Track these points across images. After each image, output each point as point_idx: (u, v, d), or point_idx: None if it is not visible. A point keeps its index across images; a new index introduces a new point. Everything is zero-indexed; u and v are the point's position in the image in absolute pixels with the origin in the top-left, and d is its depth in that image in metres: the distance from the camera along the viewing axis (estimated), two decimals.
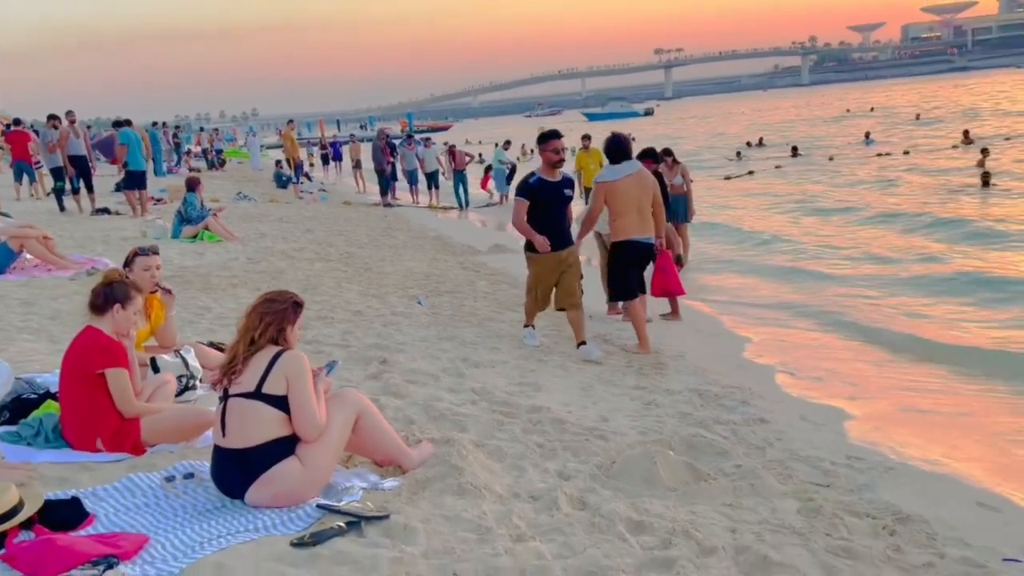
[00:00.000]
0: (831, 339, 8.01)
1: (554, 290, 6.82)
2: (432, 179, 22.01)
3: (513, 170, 21.56)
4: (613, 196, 6.86)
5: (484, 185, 23.26)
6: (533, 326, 7.02)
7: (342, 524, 3.36)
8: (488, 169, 24.79)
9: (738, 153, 29.96)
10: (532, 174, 6.73)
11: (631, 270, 7.01)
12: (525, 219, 6.61)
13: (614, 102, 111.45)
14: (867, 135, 32.63)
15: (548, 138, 6.67)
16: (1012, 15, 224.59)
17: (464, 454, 4.13)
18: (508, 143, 25.35)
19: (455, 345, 6.62)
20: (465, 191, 20.95)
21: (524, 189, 6.67)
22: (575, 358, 6.63)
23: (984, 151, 20.58)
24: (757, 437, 4.98)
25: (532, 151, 43.33)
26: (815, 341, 7.98)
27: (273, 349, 3.65)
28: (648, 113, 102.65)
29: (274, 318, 3.69)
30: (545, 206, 6.58)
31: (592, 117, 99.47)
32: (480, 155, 28.32)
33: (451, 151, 22.16)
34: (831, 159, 26.75)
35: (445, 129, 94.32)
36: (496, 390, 5.44)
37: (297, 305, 3.83)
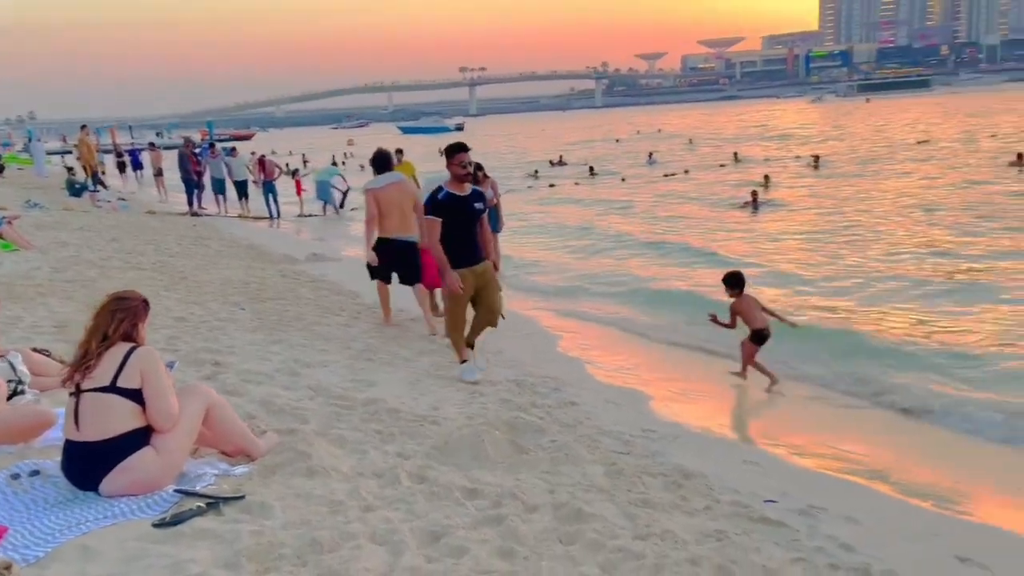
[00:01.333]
0: (625, 336, 9.02)
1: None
2: (241, 188, 21.50)
3: (345, 194, 21.71)
4: (379, 201, 7.92)
5: (298, 191, 23.07)
6: (466, 360, 6.53)
7: (201, 505, 3.60)
8: (295, 173, 24.64)
9: (535, 172, 31.43)
10: (440, 189, 6.41)
11: (391, 261, 8.05)
12: (439, 239, 6.32)
13: (427, 117, 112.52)
14: (650, 155, 35.56)
15: (455, 151, 6.42)
16: (772, 51, 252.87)
17: (310, 441, 4.45)
18: (340, 160, 25.37)
19: (285, 347, 6.82)
20: (275, 201, 20.67)
21: (434, 206, 6.35)
22: (402, 356, 7.06)
23: (766, 177, 23.12)
24: (569, 417, 5.66)
25: (345, 161, 43.26)
26: (612, 336, 8.96)
27: (126, 345, 3.81)
28: (459, 128, 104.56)
29: (126, 315, 3.86)
30: (457, 222, 6.32)
31: (406, 131, 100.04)
32: (288, 164, 27.91)
33: (260, 160, 21.79)
34: (623, 180, 28.86)
35: (248, 138, 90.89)
36: (332, 386, 5.76)
37: (146, 303, 4.02)
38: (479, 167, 11.89)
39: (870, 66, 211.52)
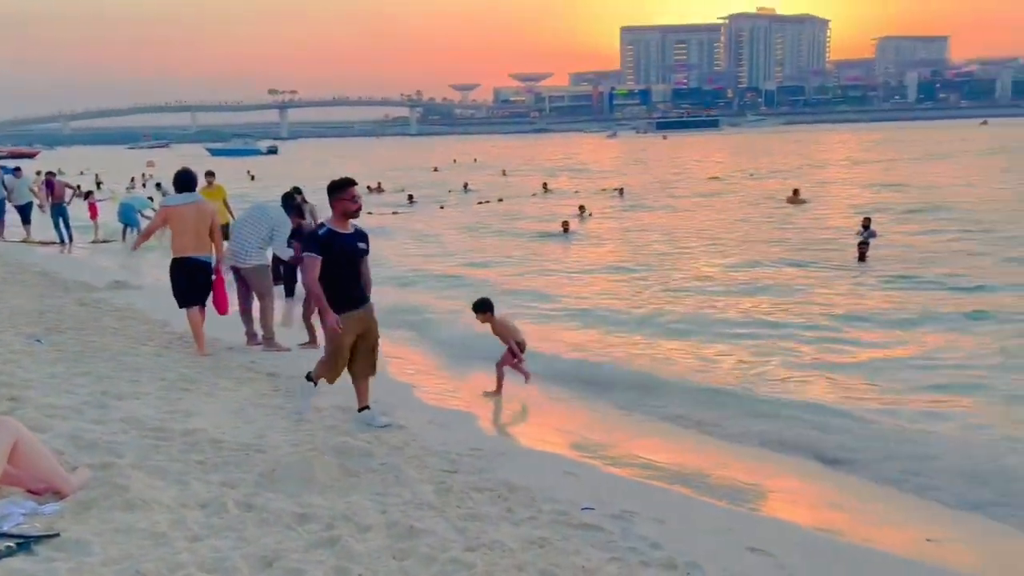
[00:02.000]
0: (450, 361, 9.21)
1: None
2: (24, 212, 19.70)
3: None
4: (173, 219, 7.93)
5: (93, 215, 21.39)
6: (315, 383, 6.37)
7: (10, 545, 3.38)
8: (88, 195, 22.93)
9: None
10: (322, 225, 6.03)
11: (183, 281, 7.96)
12: (318, 277, 5.92)
13: (237, 139, 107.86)
14: (465, 185, 36.41)
15: (343, 186, 5.99)
16: (579, 88, 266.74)
17: (126, 475, 4.27)
18: (140, 182, 23.70)
19: (91, 380, 6.42)
20: (67, 224, 19.13)
21: (314, 243, 5.95)
22: (221, 385, 6.85)
23: (581, 208, 24.22)
24: (397, 439, 5.76)
25: (145, 182, 40.66)
26: (438, 361, 9.12)
27: None
28: (272, 151, 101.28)
29: None
30: (340, 262, 5.93)
31: (215, 153, 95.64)
32: (79, 186, 25.90)
33: (48, 181, 20.09)
34: (442, 207, 29.30)
35: (30, 156, 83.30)
36: (146, 418, 5.51)
37: None
38: (298, 190, 11.79)
39: (666, 105, 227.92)
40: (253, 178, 47.95)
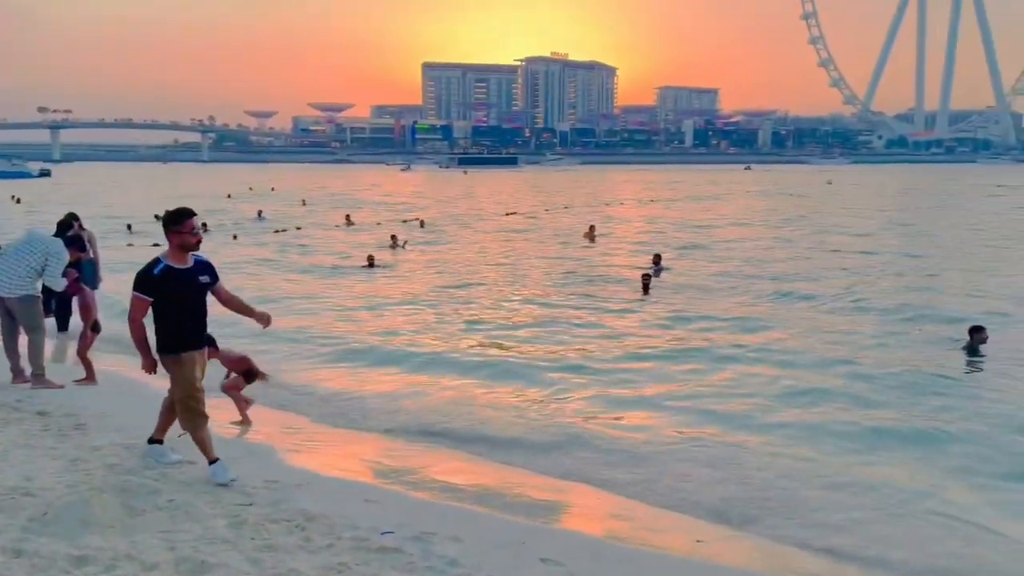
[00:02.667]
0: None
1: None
2: None
3: None
4: None
5: None
6: (217, 459, 5.55)
7: None
8: None
9: (128, 226, 29.20)
10: (157, 261, 5.40)
11: None
12: (142, 320, 5.37)
13: (3, 160, 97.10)
14: (259, 213, 35.29)
15: (181, 217, 5.43)
16: (381, 120, 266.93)
17: None
18: None
19: None
20: None
21: (146, 283, 5.32)
22: None
23: (393, 237, 24.09)
24: (186, 476, 5.51)
25: None
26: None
27: None
28: (45, 174, 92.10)
29: None
30: (181, 299, 5.38)
31: None
32: None
33: None
34: (235, 237, 28.15)
35: None
36: None
37: None
38: (75, 217, 10.97)
39: (467, 141, 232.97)
40: (19, 202, 43.61)
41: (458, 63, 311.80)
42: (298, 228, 29.97)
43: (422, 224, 31.53)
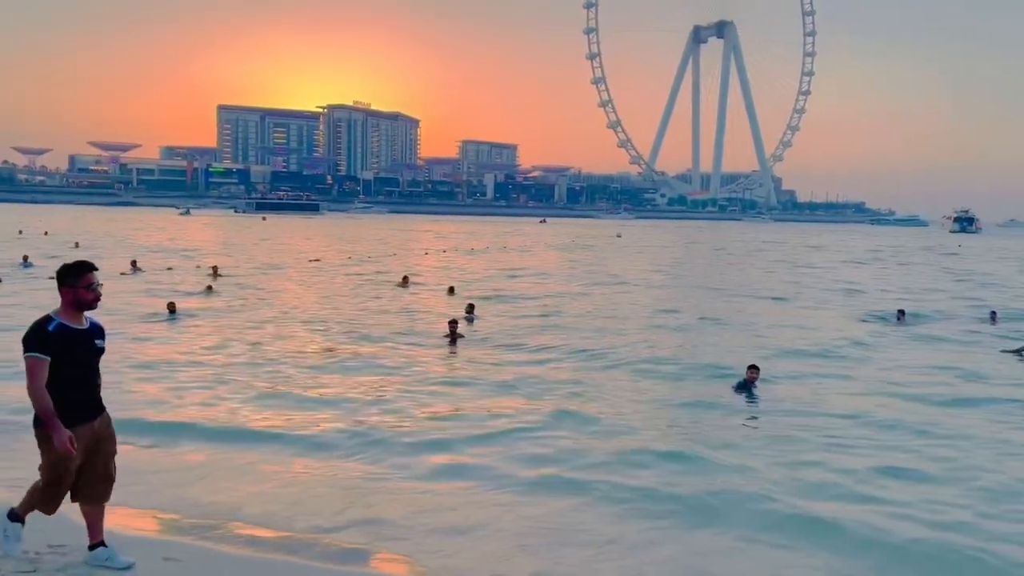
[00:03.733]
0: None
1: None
2: None
3: None
4: None
5: None
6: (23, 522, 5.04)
7: None
8: None
9: None
10: (49, 319, 4.82)
11: None
12: (44, 385, 4.70)
13: None
14: (25, 258, 32.08)
15: (81, 271, 4.91)
16: (171, 162, 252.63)
17: None
18: None
19: None
20: None
21: (41, 341, 4.71)
22: None
23: (214, 268, 22.68)
24: None
25: None
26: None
27: None
28: None
29: None
30: (73, 364, 4.79)
31: None
32: None
33: None
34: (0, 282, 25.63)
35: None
36: None
37: None
38: None
39: (265, 187, 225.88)
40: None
41: (256, 107, 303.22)
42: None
43: (215, 272, 30.09)
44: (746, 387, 11.87)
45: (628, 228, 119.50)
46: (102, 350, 5.00)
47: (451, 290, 19.36)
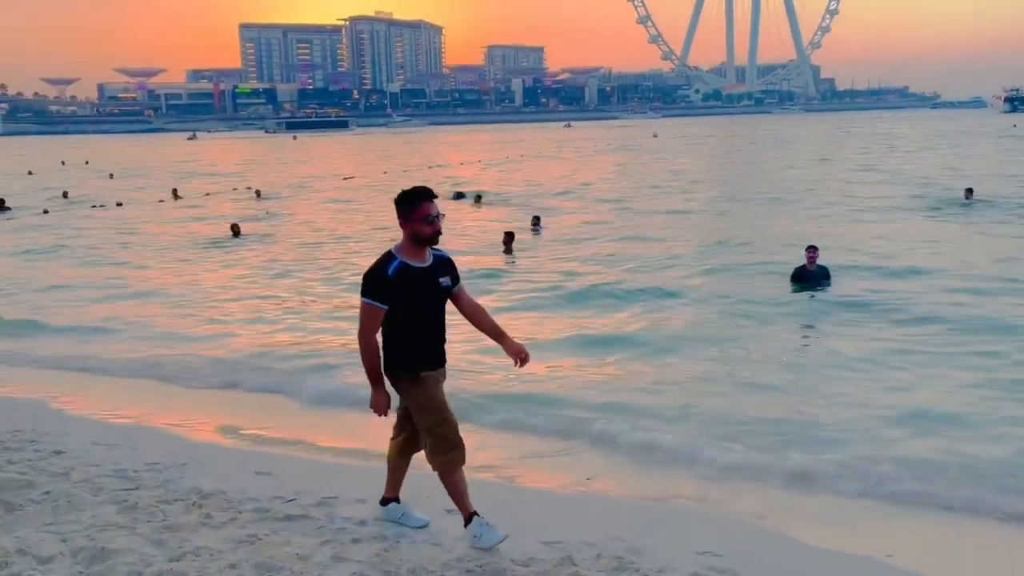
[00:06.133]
0: (86, 375, 8.36)
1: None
2: None
3: None
4: None
5: None
6: (478, 514, 4.24)
7: None
8: None
9: None
10: (389, 257, 4.07)
11: None
12: (376, 335, 4.09)
13: None
14: (64, 194, 32.08)
15: (417, 199, 4.08)
16: (197, 85, 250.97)
17: None
18: None
19: None
20: None
21: (378, 285, 4.00)
22: None
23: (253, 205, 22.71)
24: (57, 466, 5.18)
25: None
26: (75, 378, 8.22)
27: None
28: None
29: None
30: (417, 305, 4.08)
31: None
32: None
33: None
34: (46, 212, 25.93)
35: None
36: None
37: None
38: None
39: (292, 105, 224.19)
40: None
41: (278, 23, 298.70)
42: (119, 204, 27.88)
43: (258, 194, 30.12)
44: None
45: (665, 126, 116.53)
46: (448, 288, 4.21)
47: (535, 219, 18.90)
